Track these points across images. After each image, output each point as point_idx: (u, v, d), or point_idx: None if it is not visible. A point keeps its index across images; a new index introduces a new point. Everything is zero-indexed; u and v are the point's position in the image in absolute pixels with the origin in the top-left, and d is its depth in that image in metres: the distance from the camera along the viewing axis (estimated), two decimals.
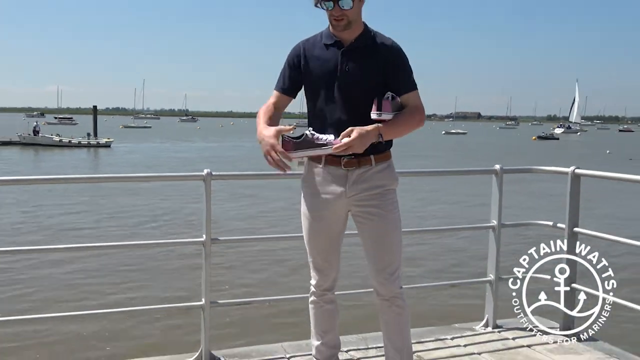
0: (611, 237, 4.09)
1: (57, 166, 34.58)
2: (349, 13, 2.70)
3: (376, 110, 2.72)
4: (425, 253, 12.20)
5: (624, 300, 3.65)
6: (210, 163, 35.33)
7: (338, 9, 2.68)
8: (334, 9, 2.69)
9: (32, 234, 14.63)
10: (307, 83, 2.90)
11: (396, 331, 2.99)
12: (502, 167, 4.23)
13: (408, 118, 2.79)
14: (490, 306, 4.26)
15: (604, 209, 18.08)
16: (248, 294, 9.55)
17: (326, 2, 2.68)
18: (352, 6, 2.68)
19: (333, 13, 2.71)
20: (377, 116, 2.71)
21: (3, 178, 4.03)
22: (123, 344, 7.67)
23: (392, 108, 2.73)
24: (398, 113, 2.77)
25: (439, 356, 3.72)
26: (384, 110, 2.71)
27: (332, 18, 2.74)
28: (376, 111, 2.72)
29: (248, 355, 3.67)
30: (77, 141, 49.92)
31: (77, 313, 4.17)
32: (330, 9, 2.70)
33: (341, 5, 2.66)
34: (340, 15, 2.70)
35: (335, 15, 2.71)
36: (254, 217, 17.33)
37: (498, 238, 4.25)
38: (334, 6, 2.68)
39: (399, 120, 2.75)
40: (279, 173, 2.72)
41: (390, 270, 2.88)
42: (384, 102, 2.71)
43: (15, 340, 7.61)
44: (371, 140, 2.66)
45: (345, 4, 2.67)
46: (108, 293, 9.92)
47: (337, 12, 2.69)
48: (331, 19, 2.75)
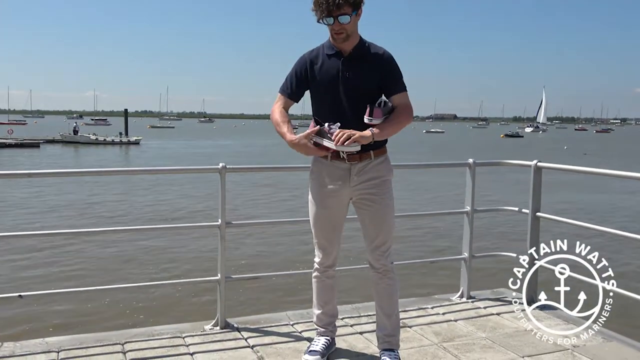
0: (569, 220, 4.10)
1: (95, 160, 34.59)
2: (347, 27, 2.73)
3: (368, 115, 2.76)
4: (410, 234, 12.20)
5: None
6: (227, 157, 35.35)
7: (338, 24, 2.71)
8: (334, 24, 2.71)
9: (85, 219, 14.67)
10: (313, 89, 2.92)
11: (387, 299, 3.01)
12: (474, 161, 4.22)
13: (396, 120, 2.82)
14: (465, 280, 4.27)
15: (563, 196, 18.11)
16: (258, 269, 9.57)
17: (327, 19, 2.70)
18: (350, 21, 2.71)
19: (334, 27, 2.73)
20: (369, 121, 2.77)
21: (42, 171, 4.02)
22: (150, 312, 7.69)
23: (382, 113, 2.77)
24: (388, 116, 2.80)
25: (421, 322, 3.73)
26: (374, 117, 2.76)
27: (333, 32, 2.77)
28: (368, 117, 2.76)
29: (257, 322, 3.68)
30: (110, 139, 49.84)
31: (114, 286, 4.17)
32: (331, 24, 2.72)
33: (340, 20, 2.69)
34: (340, 29, 2.72)
35: (336, 30, 2.73)
36: (267, 204, 17.35)
37: (471, 222, 4.24)
38: (334, 21, 2.70)
39: (388, 124, 2.79)
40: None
41: (384, 248, 2.94)
42: (375, 109, 2.76)
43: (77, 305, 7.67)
44: (365, 142, 2.71)
45: (343, 20, 2.69)
46: (141, 269, 9.96)
47: (337, 26, 2.71)
48: (332, 32, 2.78)
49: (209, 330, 3.55)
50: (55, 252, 10.72)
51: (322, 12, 2.69)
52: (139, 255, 10.83)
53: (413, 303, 4.10)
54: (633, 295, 3.34)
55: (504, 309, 3.99)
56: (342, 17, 2.68)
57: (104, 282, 8.67)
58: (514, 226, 12.04)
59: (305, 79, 2.90)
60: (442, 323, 3.74)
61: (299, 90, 2.94)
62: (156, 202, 17.41)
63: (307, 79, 2.90)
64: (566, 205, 16.49)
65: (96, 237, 11.39)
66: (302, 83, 2.91)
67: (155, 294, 8.20)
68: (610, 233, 3.83)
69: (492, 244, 10.92)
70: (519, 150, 49.86)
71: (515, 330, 3.61)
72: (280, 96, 2.96)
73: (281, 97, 2.95)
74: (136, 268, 10.04)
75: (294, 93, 2.93)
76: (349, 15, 2.69)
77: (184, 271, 9.67)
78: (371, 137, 2.72)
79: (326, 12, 2.67)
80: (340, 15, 2.68)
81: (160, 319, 6.74)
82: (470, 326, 3.68)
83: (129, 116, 57.57)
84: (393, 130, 2.82)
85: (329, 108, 2.85)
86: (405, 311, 3.85)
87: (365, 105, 2.78)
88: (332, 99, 2.84)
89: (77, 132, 50.81)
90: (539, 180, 4.06)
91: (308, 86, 2.93)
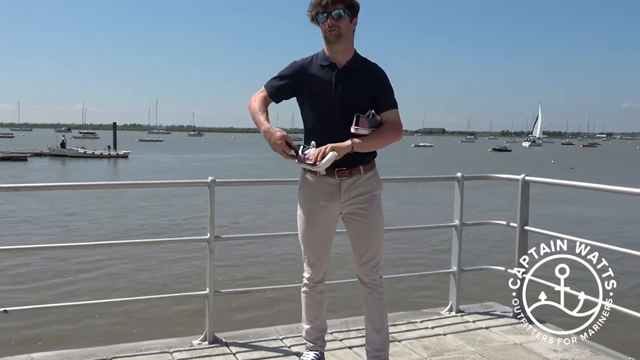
0: (557, 234, 4.11)
1: (82, 174, 34.26)
2: (341, 24, 2.73)
3: (354, 125, 2.74)
4: (399, 248, 12.20)
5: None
6: (217, 171, 35.28)
7: (331, 19, 2.72)
8: (328, 20, 2.72)
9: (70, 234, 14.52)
10: (304, 98, 2.89)
11: (376, 314, 3.00)
12: (462, 175, 4.24)
13: (381, 134, 2.81)
14: (454, 294, 4.27)
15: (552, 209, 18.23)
16: (247, 284, 9.51)
17: (322, 15, 2.72)
18: (343, 17, 2.73)
19: (327, 24, 2.73)
20: (355, 130, 2.75)
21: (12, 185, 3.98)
22: (139, 327, 7.61)
23: (368, 124, 2.76)
24: (375, 129, 2.79)
25: (411, 337, 3.72)
26: (360, 126, 2.74)
27: (326, 31, 2.76)
28: (354, 126, 2.74)
29: (246, 337, 3.65)
30: (99, 153, 49.44)
31: (101, 301, 4.12)
32: (324, 21, 2.73)
33: (334, 15, 2.71)
34: (332, 24, 2.73)
35: (329, 25, 2.73)
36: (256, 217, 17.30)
37: (460, 235, 4.25)
38: (328, 17, 2.72)
39: (372, 136, 2.77)
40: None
41: (373, 262, 2.93)
42: (361, 119, 2.74)
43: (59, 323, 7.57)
44: (344, 152, 2.70)
45: (337, 14, 2.71)
46: (128, 283, 9.86)
47: (331, 21, 2.72)
48: (325, 32, 2.77)
49: (197, 345, 3.52)
50: (40, 267, 10.60)
51: (316, 9, 2.72)
52: (127, 269, 10.73)
53: (402, 317, 4.09)
54: (623, 310, 3.34)
55: (492, 322, 4.00)
56: (335, 11, 2.71)
57: (90, 297, 8.60)
58: (503, 239, 12.09)
59: (293, 85, 2.87)
60: (431, 337, 3.73)
61: (281, 94, 2.90)
62: (145, 216, 17.30)
63: (294, 86, 2.88)
64: (554, 219, 16.59)
65: (82, 251, 11.27)
66: (287, 88, 2.89)
67: (142, 309, 8.11)
68: (599, 247, 3.85)
69: (481, 257, 10.94)
70: (506, 164, 50.18)
71: (504, 344, 3.61)
72: (264, 89, 2.92)
73: (264, 91, 2.91)
74: (124, 282, 9.94)
75: (276, 94, 2.90)
76: (341, 10, 2.72)
77: (172, 285, 9.59)
78: (350, 146, 2.70)
79: (320, 7, 2.71)
80: (334, 10, 2.70)
81: (148, 333, 6.66)
82: (460, 340, 3.68)
83: (117, 129, 57.19)
84: (376, 143, 2.80)
85: (319, 119, 2.84)
86: (395, 325, 3.85)
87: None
88: (323, 110, 2.83)
89: (65, 145, 50.47)
90: (527, 194, 4.08)
91: (293, 93, 2.91)
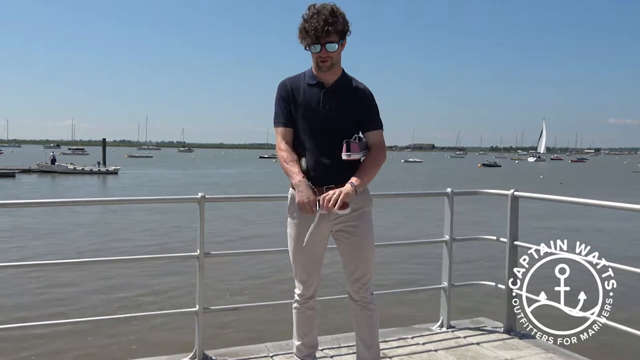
0: (547, 249, 4.11)
1: (71, 190, 34.02)
2: (333, 55, 2.75)
3: (346, 151, 2.75)
4: (390, 261, 12.18)
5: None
6: (206, 186, 35.15)
7: (325, 51, 2.72)
8: (322, 51, 2.72)
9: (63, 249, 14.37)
10: (295, 116, 2.88)
11: (367, 331, 2.99)
12: (452, 190, 4.25)
13: (373, 164, 2.82)
14: (445, 309, 4.26)
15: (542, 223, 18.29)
16: (237, 300, 9.44)
17: (315, 46, 2.72)
18: (337, 49, 2.74)
19: (320, 55, 2.74)
20: (347, 157, 2.75)
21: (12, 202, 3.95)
22: (126, 346, 7.51)
23: (359, 148, 2.77)
24: (365, 157, 2.81)
25: (402, 353, 3.70)
26: (352, 151, 2.75)
27: (318, 60, 2.77)
28: (346, 152, 2.75)
29: (236, 354, 3.62)
30: (88, 169, 49.20)
31: (88, 319, 4.08)
32: (318, 52, 2.73)
33: (328, 48, 2.71)
34: (326, 56, 2.74)
35: (322, 57, 2.74)
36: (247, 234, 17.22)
37: (450, 251, 4.25)
38: (322, 49, 2.72)
39: (367, 171, 2.78)
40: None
41: (364, 280, 2.92)
42: (352, 144, 2.75)
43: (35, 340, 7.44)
44: (351, 198, 2.68)
45: (331, 48, 2.72)
46: (114, 300, 9.75)
47: (324, 54, 2.73)
48: (318, 60, 2.78)
49: None
50: (26, 284, 10.47)
51: (310, 39, 2.71)
52: (115, 286, 10.62)
53: (393, 333, 4.07)
54: (615, 325, 3.32)
55: (483, 338, 3.99)
56: (329, 44, 2.71)
57: (78, 315, 8.48)
58: (494, 254, 12.10)
59: (293, 103, 2.87)
60: (422, 353, 3.71)
61: (291, 115, 2.89)
62: (135, 233, 17.18)
63: (291, 104, 2.88)
64: (544, 233, 16.66)
65: (70, 269, 11.17)
66: (290, 107, 2.88)
67: (131, 327, 8.02)
68: (588, 261, 3.86)
69: (471, 272, 10.94)
70: (496, 180, 50.42)
71: None
72: (278, 129, 2.90)
73: (279, 130, 2.89)
74: (112, 299, 9.84)
75: (289, 121, 2.88)
76: (336, 43, 2.72)
77: (161, 302, 9.50)
78: (354, 190, 2.69)
79: (314, 38, 2.70)
80: (328, 43, 2.71)
81: (136, 352, 6.59)
82: (451, 356, 3.67)
83: (107, 145, 57.05)
84: (372, 175, 2.81)
85: (307, 136, 2.84)
86: (386, 341, 3.83)
87: (341, 137, 2.78)
88: (310, 129, 2.84)
89: (55, 162, 50.15)
90: (516, 209, 4.09)
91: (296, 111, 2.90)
